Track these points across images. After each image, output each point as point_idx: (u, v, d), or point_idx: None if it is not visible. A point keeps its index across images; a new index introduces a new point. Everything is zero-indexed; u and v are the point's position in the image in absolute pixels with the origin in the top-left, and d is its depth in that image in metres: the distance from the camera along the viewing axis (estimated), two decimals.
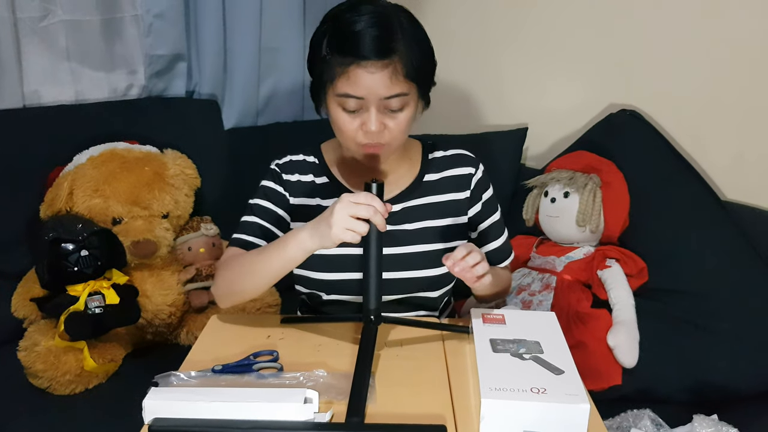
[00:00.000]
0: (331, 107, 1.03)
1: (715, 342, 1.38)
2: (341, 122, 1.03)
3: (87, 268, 1.35)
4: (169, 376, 0.90)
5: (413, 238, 1.12)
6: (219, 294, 1.09)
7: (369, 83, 0.98)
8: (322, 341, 1.05)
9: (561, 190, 1.56)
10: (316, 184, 1.15)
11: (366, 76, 0.97)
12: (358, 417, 0.82)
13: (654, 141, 1.60)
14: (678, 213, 1.51)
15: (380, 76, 0.97)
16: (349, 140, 1.04)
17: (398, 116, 1.02)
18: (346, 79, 0.98)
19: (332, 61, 0.99)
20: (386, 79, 0.98)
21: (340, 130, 1.04)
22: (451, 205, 1.16)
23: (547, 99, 1.87)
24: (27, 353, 1.33)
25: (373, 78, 0.97)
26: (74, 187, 1.50)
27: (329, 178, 1.15)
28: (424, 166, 1.16)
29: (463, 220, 1.17)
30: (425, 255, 1.12)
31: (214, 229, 1.72)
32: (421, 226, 1.13)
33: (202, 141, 1.85)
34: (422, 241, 1.13)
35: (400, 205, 1.13)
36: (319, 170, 1.16)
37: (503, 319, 1.02)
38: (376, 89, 0.98)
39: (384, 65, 0.97)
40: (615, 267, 1.47)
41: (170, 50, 1.87)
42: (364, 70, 0.97)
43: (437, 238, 1.13)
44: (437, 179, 1.16)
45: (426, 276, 1.13)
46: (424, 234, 1.13)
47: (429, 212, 1.14)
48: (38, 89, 1.73)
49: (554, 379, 0.86)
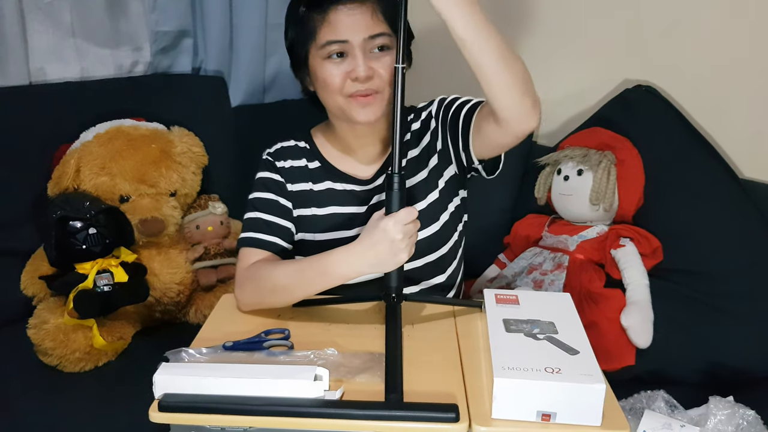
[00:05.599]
0: (316, 65, 1.03)
1: (731, 323, 1.36)
2: (327, 74, 1.02)
3: (95, 246, 1.34)
4: (180, 352, 0.90)
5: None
6: (246, 303, 1.05)
7: (350, 24, 0.99)
8: (333, 321, 1.03)
9: (574, 167, 1.53)
10: (308, 169, 1.14)
11: (346, 17, 0.99)
12: (396, 394, 0.82)
13: (670, 117, 1.56)
14: (694, 191, 1.47)
15: (361, 16, 0.99)
16: (337, 94, 1.03)
17: (384, 59, 1.02)
18: (327, 25, 1.00)
19: (311, 15, 1.01)
20: (367, 18, 1.00)
21: (327, 86, 1.03)
22: (427, 149, 1.14)
23: (559, 75, 1.83)
24: (36, 331, 1.33)
25: (354, 18, 0.99)
26: (81, 164, 1.48)
27: (321, 162, 1.15)
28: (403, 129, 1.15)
29: (436, 160, 1.14)
30: (423, 213, 1.11)
31: (222, 207, 1.71)
32: (409, 185, 1.12)
33: (209, 118, 1.83)
34: (414, 200, 1.12)
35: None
36: (311, 155, 1.15)
37: (517, 300, 1.00)
38: (358, 29, 0.99)
39: (362, 3, 1.00)
40: (629, 246, 1.44)
41: (176, 26, 1.85)
42: (344, 12, 0.99)
43: (423, 194, 1.13)
44: (410, 137, 1.15)
45: (423, 237, 1.12)
46: (410, 195, 1.11)
47: (410, 169, 1.13)
48: (44, 66, 1.72)
49: (569, 359, 0.84)
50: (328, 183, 1.14)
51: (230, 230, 1.72)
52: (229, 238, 1.70)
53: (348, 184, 1.13)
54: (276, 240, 1.10)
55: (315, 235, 1.13)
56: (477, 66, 0.91)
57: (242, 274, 1.07)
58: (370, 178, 1.14)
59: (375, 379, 0.86)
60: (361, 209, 1.12)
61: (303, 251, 1.11)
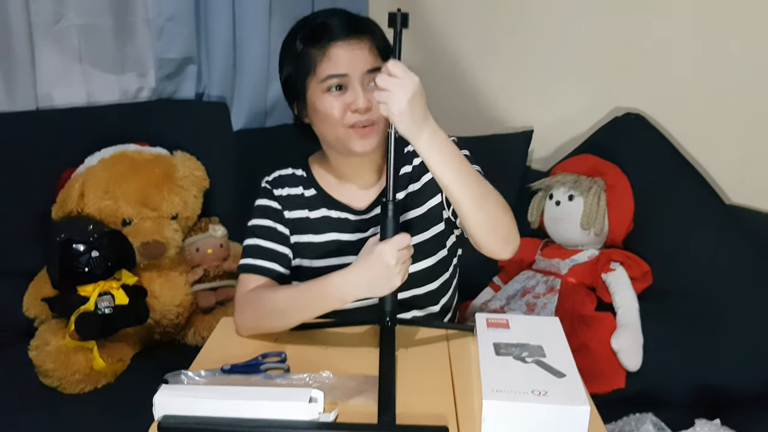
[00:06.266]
0: (316, 99, 1.07)
1: (719, 345, 1.38)
2: (328, 107, 1.05)
3: (97, 268, 1.37)
4: (179, 375, 0.92)
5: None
6: (244, 326, 1.08)
7: (349, 58, 1.04)
8: (329, 344, 1.06)
9: (565, 193, 1.57)
10: (305, 197, 1.18)
11: (345, 52, 1.04)
12: (389, 416, 0.84)
13: (658, 144, 1.60)
14: (682, 216, 1.51)
15: (359, 51, 1.04)
16: (338, 126, 1.06)
17: None
18: (328, 60, 1.04)
19: (310, 51, 1.06)
20: (365, 53, 1.05)
21: (327, 118, 1.06)
22: (428, 187, 1.17)
23: (553, 102, 1.88)
24: (38, 352, 1.36)
25: (353, 53, 1.04)
26: (85, 188, 1.52)
27: (317, 190, 1.18)
28: (400, 159, 1.19)
29: (438, 199, 1.18)
30: (416, 248, 1.14)
31: (222, 230, 1.74)
32: (404, 219, 1.15)
33: (211, 143, 1.88)
34: (413, 233, 1.14)
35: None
36: (308, 183, 1.19)
37: (507, 324, 1.03)
38: (357, 63, 1.04)
39: (360, 40, 1.05)
40: (619, 270, 1.48)
41: (180, 53, 1.90)
42: (343, 47, 1.04)
43: (420, 228, 1.16)
44: (411, 170, 1.19)
45: (420, 269, 1.15)
46: (407, 227, 1.14)
47: (410, 203, 1.17)
48: (51, 91, 1.77)
49: (556, 381, 0.87)
50: (324, 211, 1.17)
51: (230, 253, 1.75)
52: (229, 260, 1.73)
53: (343, 212, 1.17)
54: (274, 266, 1.13)
55: (312, 262, 1.16)
56: (453, 201, 0.98)
57: (241, 299, 1.10)
58: (366, 208, 1.17)
59: (369, 402, 0.89)
60: (356, 237, 1.16)
61: (300, 277, 1.14)
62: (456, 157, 0.95)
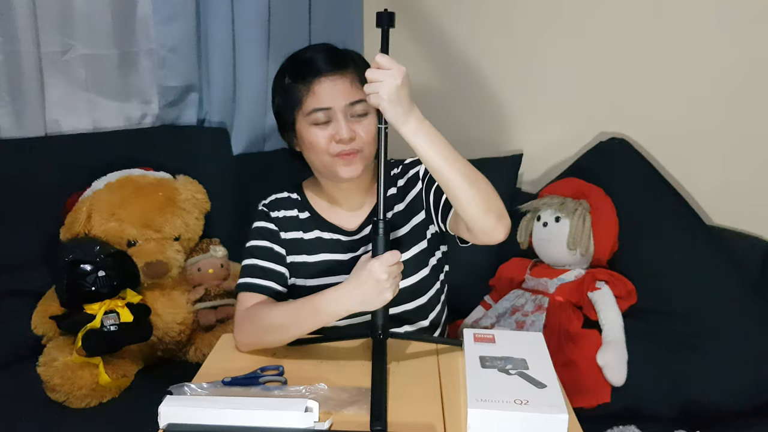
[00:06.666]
0: (303, 130, 1.14)
1: (700, 361, 1.43)
2: (314, 138, 1.12)
3: (103, 288, 1.43)
4: (183, 386, 0.98)
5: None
6: (244, 343, 1.14)
7: (333, 93, 1.11)
8: (324, 357, 1.12)
9: (552, 214, 1.64)
10: (299, 219, 1.25)
11: (329, 87, 1.11)
12: (381, 425, 0.89)
13: (641, 167, 1.67)
14: (665, 237, 1.57)
15: (341, 86, 1.11)
16: (324, 154, 1.13)
17: (363, 121, 1.13)
18: (312, 95, 1.11)
19: (296, 86, 1.13)
20: (347, 87, 1.12)
21: (314, 147, 1.13)
22: (412, 206, 1.24)
23: (542, 127, 1.95)
24: (46, 368, 1.40)
25: (336, 88, 1.11)
26: (92, 211, 1.58)
27: (310, 212, 1.25)
28: (386, 182, 1.25)
29: (422, 216, 1.23)
30: (408, 263, 1.20)
31: (222, 250, 1.80)
32: (392, 237, 1.21)
33: (212, 167, 1.94)
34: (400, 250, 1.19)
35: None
36: (302, 206, 1.25)
37: (493, 339, 1.09)
38: (340, 97, 1.11)
39: (342, 75, 1.12)
40: (604, 289, 1.53)
41: (182, 82, 1.96)
42: (326, 83, 1.11)
43: (406, 246, 1.22)
44: (395, 191, 1.25)
45: (408, 285, 1.21)
46: (395, 245, 1.18)
47: (395, 223, 1.23)
48: (59, 118, 1.83)
49: (537, 392, 0.92)
50: (317, 232, 1.24)
51: (230, 272, 1.80)
52: (229, 280, 1.78)
53: (335, 233, 1.23)
54: (271, 284, 1.19)
55: (306, 281, 1.22)
56: (443, 182, 1.03)
57: (241, 316, 1.16)
58: (356, 229, 1.24)
59: (361, 412, 0.94)
60: (347, 257, 1.22)
61: (295, 295, 1.19)
62: (442, 141, 1.01)
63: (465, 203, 1.02)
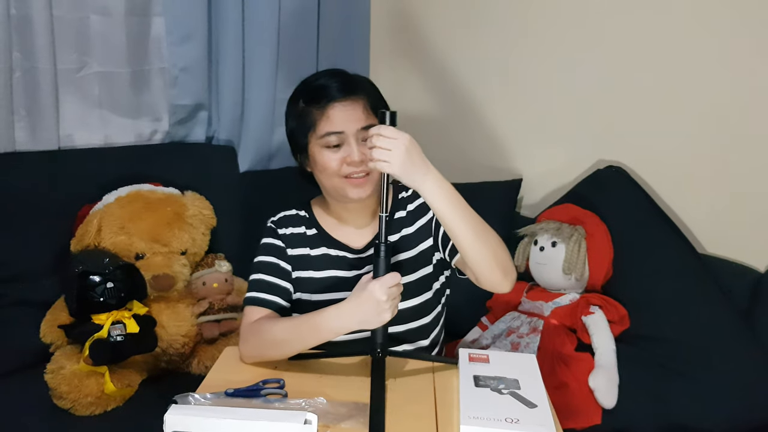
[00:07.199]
0: (316, 153, 1.19)
1: (689, 387, 1.46)
2: (326, 160, 1.17)
3: (111, 299, 1.47)
4: (187, 396, 1.02)
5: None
6: (248, 355, 1.18)
7: (346, 118, 1.16)
8: (324, 372, 1.16)
9: (549, 239, 1.68)
10: (306, 236, 1.29)
11: (342, 112, 1.16)
12: None
13: (637, 196, 1.70)
14: (658, 264, 1.60)
15: (353, 111, 1.16)
16: (335, 176, 1.18)
17: None
18: (326, 119, 1.16)
19: (310, 110, 1.18)
20: (359, 112, 1.17)
21: (325, 169, 1.18)
22: (421, 232, 1.28)
23: (542, 153, 1.99)
24: (53, 376, 1.44)
25: (348, 113, 1.16)
26: (102, 224, 1.63)
27: (318, 230, 1.29)
28: (395, 205, 1.30)
29: (430, 242, 1.28)
30: (407, 287, 1.22)
31: (227, 265, 1.84)
32: (396, 260, 1.26)
33: (219, 183, 1.98)
34: (404, 273, 1.23)
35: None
36: (309, 223, 1.30)
37: (487, 359, 1.13)
38: (352, 121, 1.16)
39: (355, 101, 1.17)
40: (598, 313, 1.57)
41: (193, 100, 2.01)
42: (340, 108, 1.16)
43: (411, 269, 1.26)
44: (405, 215, 1.29)
45: (410, 306, 1.24)
46: (399, 267, 1.24)
47: (402, 245, 1.27)
48: (72, 133, 1.88)
49: (528, 411, 0.96)
50: (324, 249, 1.28)
51: (233, 287, 1.84)
52: (232, 294, 1.82)
53: (341, 251, 1.28)
54: (276, 299, 1.23)
55: (311, 296, 1.27)
56: (456, 238, 1.09)
57: (246, 329, 1.20)
58: (362, 248, 1.28)
59: (358, 426, 0.98)
60: (352, 274, 1.26)
61: (300, 310, 1.24)
62: (458, 198, 1.07)
63: (475, 260, 1.09)
